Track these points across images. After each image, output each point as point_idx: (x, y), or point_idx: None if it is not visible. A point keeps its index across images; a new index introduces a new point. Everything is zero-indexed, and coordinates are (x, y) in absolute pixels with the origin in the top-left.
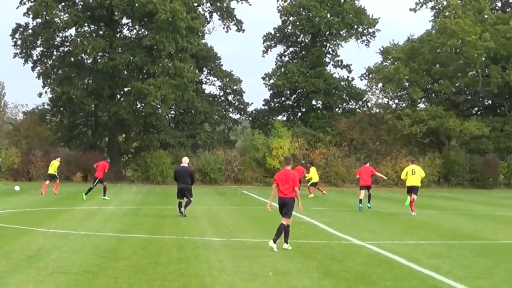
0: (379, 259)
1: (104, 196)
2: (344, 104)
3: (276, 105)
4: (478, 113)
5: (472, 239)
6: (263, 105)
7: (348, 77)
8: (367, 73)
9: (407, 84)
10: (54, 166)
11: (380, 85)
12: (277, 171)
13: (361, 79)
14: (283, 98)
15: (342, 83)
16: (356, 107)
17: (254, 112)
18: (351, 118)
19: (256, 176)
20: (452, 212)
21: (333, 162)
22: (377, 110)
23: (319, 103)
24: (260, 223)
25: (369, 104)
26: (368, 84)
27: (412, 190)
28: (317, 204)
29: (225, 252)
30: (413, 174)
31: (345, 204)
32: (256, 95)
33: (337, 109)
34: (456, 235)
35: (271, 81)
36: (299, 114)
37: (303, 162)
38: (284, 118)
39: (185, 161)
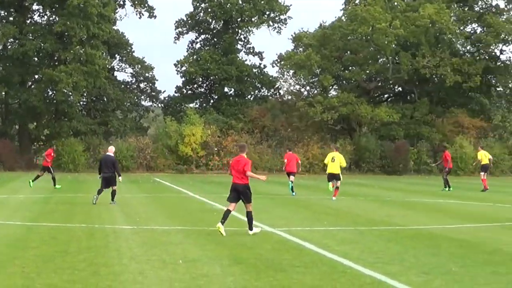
0: (289, 246)
1: (54, 185)
2: (256, 91)
3: (189, 92)
4: (389, 100)
5: (382, 225)
6: (176, 92)
7: (260, 64)
8: (278, 60)
9: (319, 71)
10: None
11: (291, 72)
12: (189, 158)
13: (273, 66)
14: (195, 85)
15: (254, 70)
16: (268, 94)
17: (166, 99)
18: (263, 105)
19: (168, 164)
20: (363, 199)
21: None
22: (289, 97)
23: (232, 90)
24: (171, 210)
25: (281, 91)
26: (280, 71)
27: (329, 177)
28: (228, 191)
29: (136, 240)
30: (333, 161)
31: (257, 191)
32: (168, 82)
33: (249, 96)
34: (366, 221)
35: (183, 68)
36: (212, 101)
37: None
38: (197, 105)
39: (110, 150)
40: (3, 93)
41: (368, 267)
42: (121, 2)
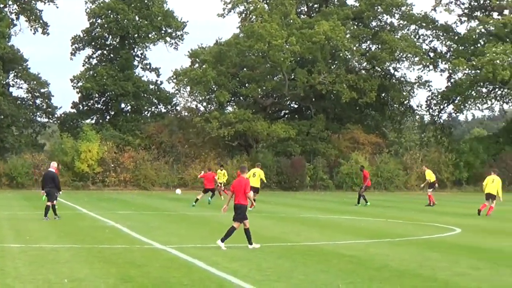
0: (179, 263)
1: None
2: (153, 107)
3: (85, 108)
4: (285, 116)
5: (274, 242)
6: (72, 108)
7: (157, 80)
8: (175, 76)
9: (215, 87)
10: None
11: (188, 88)
12: (86, 175)
13: (169, 82)
14: (91, 101)
15: (151, 86)
16: (165, 110)
17: (63, 115)
18: (160, 121)
19: (64, 180)
20: (257, 215)
21: (142, 166)
22: (186, 113)
23: (128, 106)
24: (64, 228)
25: (178, 108)
26: (176, 87)
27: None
28: (124, 208)
29: (23, 259)
30: (254, 176)
31: (152, 207)
32: (65, 98)
33: (146, 113)
34: (259, 238)
35: (80, 83)
36: (108, 117)
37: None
38: (93, 121)
39: (52, 166)
40: None
41: (256, 285)
42: (16, 18)
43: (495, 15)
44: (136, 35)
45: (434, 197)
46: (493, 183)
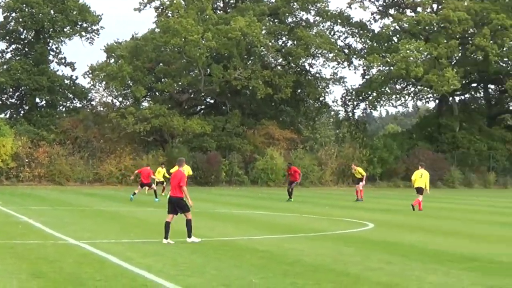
0: (92, 259)
1: None
2: (68, 102)
3: None
4: (201, 111)
5: None
6: None
7: (72, 75)
8: (91, 71)
9: (131, 82)
10: None
11: (104, 83)
12: None
13: (84, 77)
14: (5, 96)
15: (66, 81)
16: (81, 105)
17: None
18: (75, 116)
19: None
20: None
21: (57, 161)
22: (102, 109)
23: (43, 101)
24: None
25: (93, 103)
26: (92, 82)
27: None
28: (38, 203)
29: None
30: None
31: (66, 203)
32: None
33: (61, 107)
34: (173, 233)
35: None
36: (22, 112)
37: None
38: (7, 116)
39: None
40: None
41: (170, 280)
42: None
43: (408, 12)
44: (51, 29)
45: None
46: (421, 178)
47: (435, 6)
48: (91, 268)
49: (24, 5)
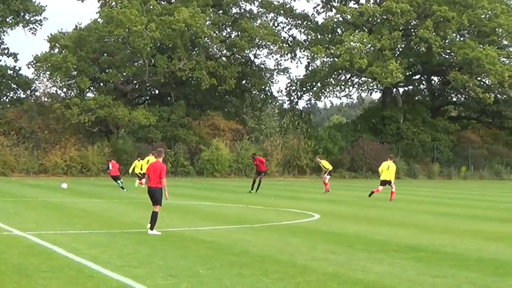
0: (38, 250)
1: None
2: (12, 93)
3: None
4: (146, 102)
5: (133, 228)
6: None
7: (15, 66)
8: (34, 62)
9: (75, 73)
10: None
11: (48, 73)
12: None
13: (29, 68)
14: None
15: (9, 71)
16: (24, 96)
17: None
18: (19, 107)
19: None
20: (118, 201)
21: (2, 151)
22: (46, 99)
23: None
24: None
25: (37, 93)
26: (36, 72)
27: None
28: None
29: None
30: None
31: (10, 194)
32: None
33: (4, 98)
34: (119, 224)
35: None
36: None
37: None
38: None
39: None
40: None
41: (116, 271)
42: None
43: (352, 4)
44: None
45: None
46: (388, 170)
47: None
48: (37, 260)
49: None
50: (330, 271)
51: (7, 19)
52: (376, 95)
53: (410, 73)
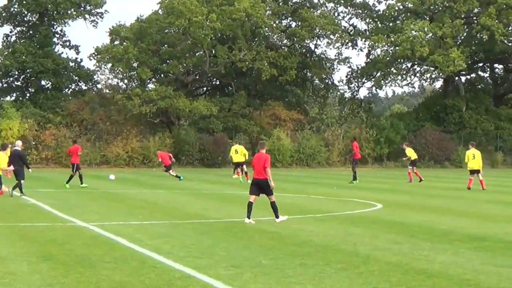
0: (101, 241)
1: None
2: (74, 84)
3: (4, 85)
4: (207, 93)
5: (196, 218)
6: None
7: (76, 58)
8: (96, 53)
9: (136, 64)
10: None
11: (109, 65)
12: None
13: (90, 59)
14: (11, 79)
15: (71, 63)
16: (86, 87)
17: None
18: (81, 98)
19: None
20: (181, 192)
21: (64, 143)
22: (107, 91)
23: (48, 83)
24: None
25: (99, 85)
26: (97, 64)
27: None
28: (45, 186)
29: None
30: (236, 153)
31: (73, 185)
32: None
33: (66, 90)
34: (182, 215)
35: None
36: (28, 94)
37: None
38: (13, 99)
39: (17, 145)
40: None
41: (179, 261)
42: None
43: None
44: (55, 11)
45: (413, 175)
46: (474, 159)
47: None
48: (100, 250)
49: None
50: (393, 261)
51: (69, 12)
52: (438, 84)
53: (472, 61)
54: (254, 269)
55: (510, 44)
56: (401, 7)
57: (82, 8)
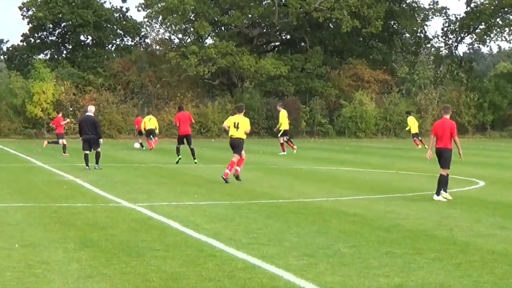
0: (150, 225)
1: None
2: (118, 40)
3: (37, 41)
4: (276, 49)
5: (263, 198)
6: (22, 41)
7: (122, 7)
8: (145, 4)
9: (193, 16)
10: None
11: (160, 17)
12: (40, 120)
13: (138, 10)
14: (45, 33)
15: (115, 14)
16: (133, 43)
17: (10, 49)
18: (126, 56)
19: (14, 127)
20: (243, 167)
21: (107, 109)
22: (158, 47)
23: (88, 38)
24: (13, 184)
25: (147, 40)
26: (147, 16)
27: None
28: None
29: None
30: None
31: (117, 159)
32: (13, 29)
33: (110, 46)
34: (245, 194)
35: (30, 12)
36: (65, 52)
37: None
38: (47, 57)
39: (90, 110)
40: None
41: (242, 249)
42: None
43: None
44: None
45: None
46: None
47: None
48: (150, 236)
49: None
50: (498, 250)
51: None
52: None
53: None
54: (331, 258)
55: None
56: None
57: None
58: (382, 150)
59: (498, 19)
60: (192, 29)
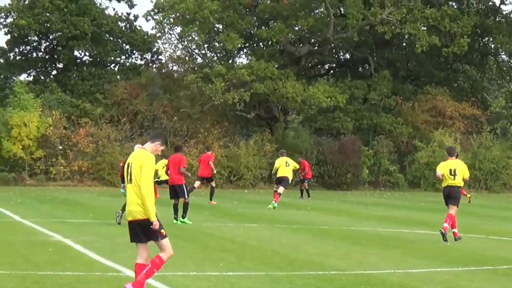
0: None
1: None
2: (124, 57)
3: (18, 57)
4: (330, 73)
5: (309, 269)
6: None
7: (129, 14)
8: (156, 10)
9: (219, 26)
10: None
11: (177, 28)
12: (19, 160)
13: (147, 20)
14: (28, 47)
15: (120, 24)
16: (142, 62)
17: None
18: (134, 79)
19: None
20: (286, 227)
21: (107, 149)
22: (174, 67)
23: (85, 55)
24: None
25: (161, 58)
26: (159, 26)
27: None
28: (79, 214)
29: None
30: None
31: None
32: None
33: (112, 65)
34: (286, 262)
35: (9, 19)
36: (54, 72)
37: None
38: (31, 78)
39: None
40: None
41: None
42: None
43: None
44: None
45: None
46: None
47: None
48: None
49: None
50: None
51: None
52: None
53: None
54: None
55: None
56: None
57: None
58: (468, 207)
59: None
60: (218, 43)
